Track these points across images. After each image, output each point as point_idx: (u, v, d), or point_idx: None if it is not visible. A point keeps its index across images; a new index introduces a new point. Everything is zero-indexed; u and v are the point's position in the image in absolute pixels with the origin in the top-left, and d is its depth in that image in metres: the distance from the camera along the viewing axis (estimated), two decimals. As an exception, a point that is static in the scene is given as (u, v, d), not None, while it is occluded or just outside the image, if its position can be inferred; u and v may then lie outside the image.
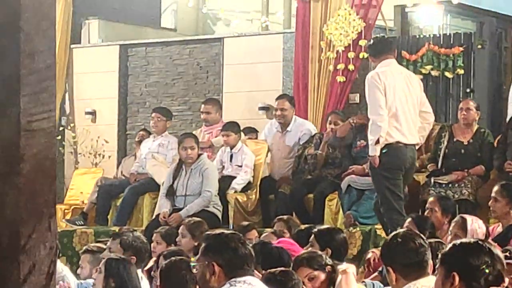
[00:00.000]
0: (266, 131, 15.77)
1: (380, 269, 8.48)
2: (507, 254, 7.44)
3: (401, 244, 6.80)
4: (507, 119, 15.40)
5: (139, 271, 9.74)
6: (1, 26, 7.92)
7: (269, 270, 8.45)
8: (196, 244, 10.76)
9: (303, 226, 11.76)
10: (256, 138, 16.33)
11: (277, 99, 15.80)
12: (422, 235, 7.16)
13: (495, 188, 11.46)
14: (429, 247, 6.98)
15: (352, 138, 14.47)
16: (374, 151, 12.47)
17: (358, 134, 14.43)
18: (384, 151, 12.38)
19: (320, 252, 8.35)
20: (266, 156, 15.45)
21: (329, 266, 7.94)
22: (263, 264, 9.11)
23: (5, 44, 7.85)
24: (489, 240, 7.41)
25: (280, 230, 11.63)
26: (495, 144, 14.10)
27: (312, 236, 10.00)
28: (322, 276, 7.72)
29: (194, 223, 12.32)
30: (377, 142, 12.33)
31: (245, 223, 12.48)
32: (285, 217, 12.64)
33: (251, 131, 16.28)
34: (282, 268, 8.28)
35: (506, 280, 4.81)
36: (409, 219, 10.83)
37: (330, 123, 14.26)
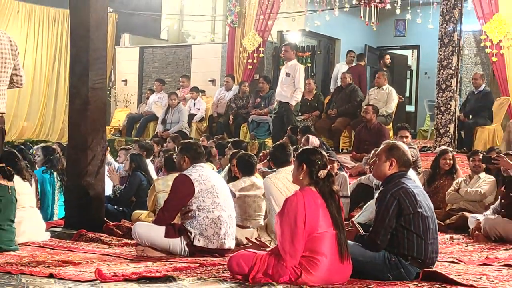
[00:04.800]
0: (217, 93, 15.51)
1: (268, 158, 8.48)
2: (328, 154, 7.54)
3: (279, 151, 6.86)
4: (330, 88, 15.58)
5: (148, 160, 9.79)
6: (77, 37, 7.83)
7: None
8: (175, 146, 10.86)
9: (228, 140, 11.68)
10: (205, 95, 16.25)
11: (226, 76, 15.74)
12: (290, 145, 7.24)
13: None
14: (293, 151, 7.07)
15: (252, 97, 14.50)
16: (294, 103, 12.18)
17: (256, 95, 14.42)
18: (294, 103, 12.22)
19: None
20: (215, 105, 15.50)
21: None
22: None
23: (80, 49, 7.76)
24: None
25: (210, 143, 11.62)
26: (327, 100, 14.11)
27: (230, 144, 10.03)
28: None
29: (174, 136, 12.40)
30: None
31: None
32: (219, 136, 12.69)
33: (202, 91, 16.20)
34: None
35: (328, 166, 4.89)
36: (285, 138, 10.72)
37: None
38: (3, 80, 5.30)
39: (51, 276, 4.88)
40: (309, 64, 16.95)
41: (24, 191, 6.85)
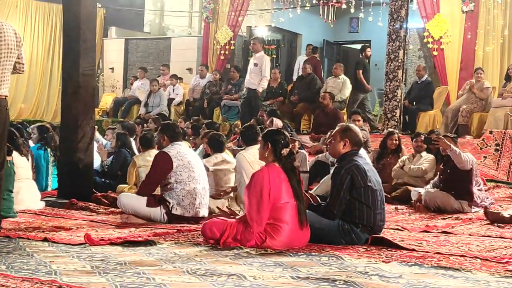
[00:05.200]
0: (193, 80, 15.36)
1: (238, 138, 8.44)
2: (290, 134, 7.51)
3: (249, 131, 6.83)
4: (293, 77, 15.50)
5: (131, 139, 9.68)
6: (69, 29, 7.72)
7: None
8: (156, 126, 10.71)
9: (202, 122, 11.51)
10: (183, 82, 16.05)
11: (200, 65, 15.52)
12: (258, 126, 7.20)
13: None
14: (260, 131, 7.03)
15: (224, 84, 14.41)
16: (261, 90, 12.27)
17: (227, 83, 14.33)
18: (261, 90, 12.32)
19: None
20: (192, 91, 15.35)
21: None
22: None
23: (72, 40, 7.69)
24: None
25: (187, 124, 11.49)
26: (290, 88, 14.05)
27: (204, 125, 9.94)
28: None
29: (155, 117, 12.23)
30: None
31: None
32: (195, 118, 12.55)
33: (180, 78, 16.03)
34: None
35: (290, 145, 4.89)
36: (252, 120, 10.62)
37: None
38: (8, 67, 5.25)
39: (45, 239, 4.87)
40: (275, 56, 16.89)
41: (22, 164, 6.80)
